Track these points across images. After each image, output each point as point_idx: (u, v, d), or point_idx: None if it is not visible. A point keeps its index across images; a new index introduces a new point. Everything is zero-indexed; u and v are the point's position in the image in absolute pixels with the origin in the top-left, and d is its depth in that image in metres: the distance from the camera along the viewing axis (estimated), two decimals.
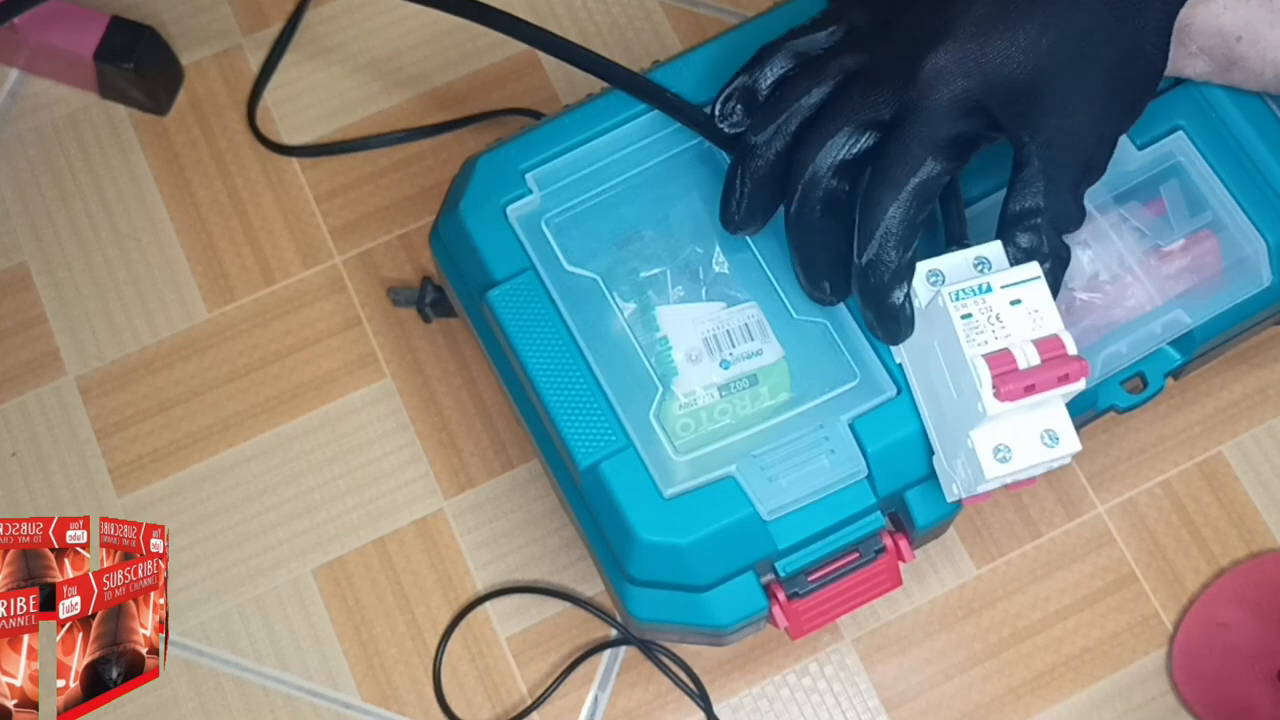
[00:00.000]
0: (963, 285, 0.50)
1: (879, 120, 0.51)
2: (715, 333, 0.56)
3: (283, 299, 0.71)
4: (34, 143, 0.73)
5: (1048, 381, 0.48)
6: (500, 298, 0.57)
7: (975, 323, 0.49)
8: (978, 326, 0.49)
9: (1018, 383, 0.48)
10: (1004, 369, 0.48)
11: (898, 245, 0.50)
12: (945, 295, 0.49)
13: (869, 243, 0.51)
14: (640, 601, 0.56)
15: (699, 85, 0.58)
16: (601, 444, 0.55)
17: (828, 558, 0.55)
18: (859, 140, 0.51)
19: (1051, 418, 0.50)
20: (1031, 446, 0.50)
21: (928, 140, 0.50)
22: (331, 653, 0.66)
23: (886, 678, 0.65)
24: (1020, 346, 0.48)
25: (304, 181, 0.73)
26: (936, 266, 0.51)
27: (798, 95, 0.53)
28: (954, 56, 0.50)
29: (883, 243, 0.50)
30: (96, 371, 0.70)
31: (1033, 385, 0.48)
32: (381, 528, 0.68)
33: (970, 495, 0.52)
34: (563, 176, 0.58)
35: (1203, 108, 0.59)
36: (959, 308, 0.49)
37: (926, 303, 0.51)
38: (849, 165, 0.52)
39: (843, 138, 0.51)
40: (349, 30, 0.76)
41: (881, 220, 0.50)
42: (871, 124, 0.51)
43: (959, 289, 0.50)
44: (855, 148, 0.51)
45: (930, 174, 0.50)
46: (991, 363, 0.48)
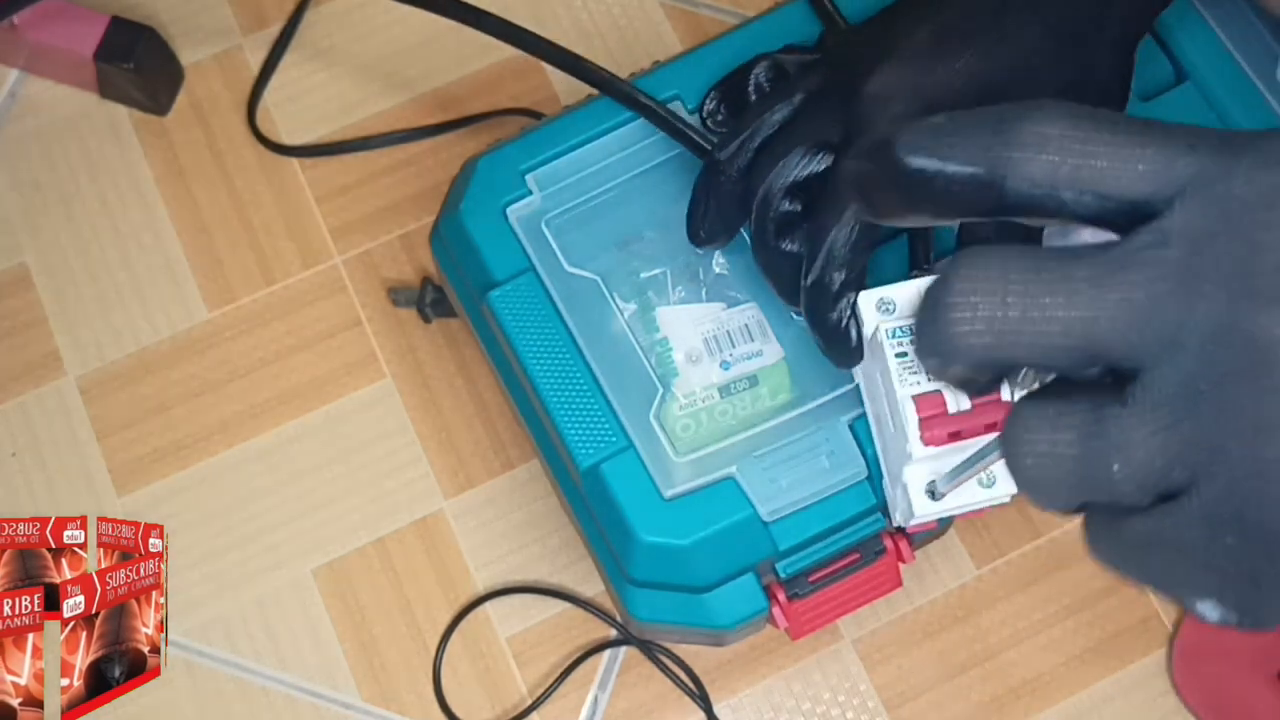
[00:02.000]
0: (900, 323, 0.48)
1: (829, 142, 0.51)
2: (715, 333, 0.56)
3: (283, 299, 0.71)
4: (34, 143, 0.73)
5: (974, 429, 0.47)
6: (501, 298, 0.57)
7: (909, 362, 0.48)
8: (912, 366, 0.48)
9: (943, 428, 0.47)
10: (932, 413, 0.47)
11: (840, 268, 0.50)
12: (883, 331, 0.48)
13: (813, 264, 0.50)
14: (641, 602, 0.56)
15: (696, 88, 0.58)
16: (602, 445, 0.55)
17: (828, 559, 0.55)
18: (811, 161, 0.51)
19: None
20: (967, 487, 0.48)
21: None
22: (331, 653, 0.66)
23: (886, 678, 0.65)
24: (952, 390, 0.47)
25: (304, 182, 0.73)
26: (889, 295, 0.50)
27: (761, 112, 0.53)
28: (894, 81, 0.50)
29: (825, 265, 0.50)
30: (96, 371, 0.70)
31: (959, 432, 0.47)
32: (381, 528, 0.68)
33: (909, 524, 0.51)
34: (563, 177, 0.58)
35: (1204, 107, 0.59)
36: (894, 345, 0.48)
37: (870, 333, 0.50)
38: (802, 186, 0.51)
39: (795, 157, 0.51)
40: (349, 30, 0.76)
41: (824, 242, 0.50)
42: (823, 145, 0.51)
43: (896, 325, 0.48)
44: (807, 169, 0.51)
45: None
46: (920, 404, 0.47)
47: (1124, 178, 0.25)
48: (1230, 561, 0.25)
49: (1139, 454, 0.25)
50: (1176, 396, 0.25)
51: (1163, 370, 0.25)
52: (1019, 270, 0.26)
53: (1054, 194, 0.26)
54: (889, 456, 0.52)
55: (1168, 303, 0.24)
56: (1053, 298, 0.25)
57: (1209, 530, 0.25)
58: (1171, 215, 0.25)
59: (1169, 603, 0.23)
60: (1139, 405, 0.25)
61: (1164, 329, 0.25)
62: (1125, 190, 0.25)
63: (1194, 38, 0.59)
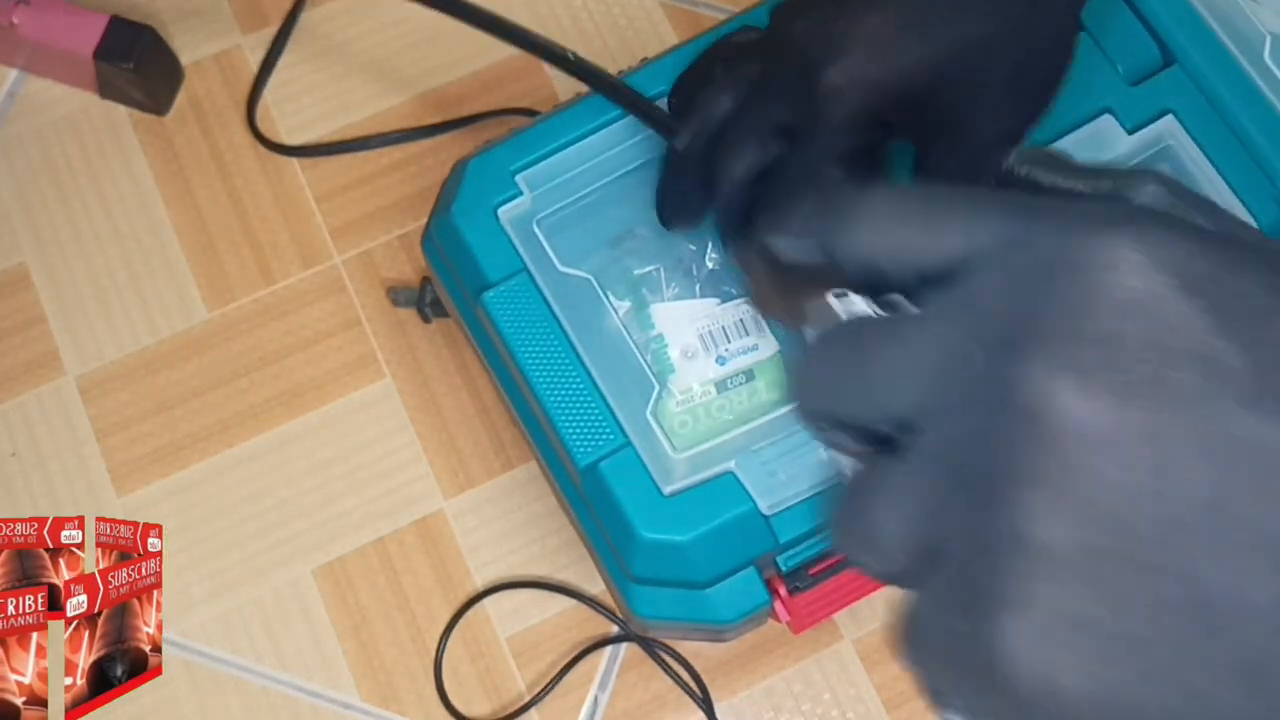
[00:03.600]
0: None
1: (783, 126, 0.51)
2: (710, 329, 0.56)
3: (283, 299, 0.71)
4: (34, 143, 0.73)
5: None
6: (494, 300, 0.57)
7: None
8: None
9: None
10: None
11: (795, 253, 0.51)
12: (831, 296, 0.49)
13: None
14: (642, 599, 0.56)
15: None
16: (600, 443, 0.55)
17: (829, 551, 0.55)
18: (766, 150, 0.51)
19: None
20: None
21: (828, 152, 0.50)
22: (331, 653, 0.66)
23: (886, 678, 0.65)
24: None
25: (304, 181, 0.73)
26: None
27: (709, 100, 0.53)
28: (849, 72, 0.50)
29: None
30: (96, 371, 0.70)
31: None
32: (381, 528, 0.68)
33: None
34: (554, 177, 0.58)
35: (1192, 90, 0.58)
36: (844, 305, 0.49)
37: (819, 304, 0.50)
38: (762, 175, 0.52)
39: (753, 148, 0.51)
40: (349, 30, 0.76)
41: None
42: (776, 133, 0.51)
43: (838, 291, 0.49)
44: (767, 157, 0.51)
45: (830, 182, 0.50)
46: None
47: (929, 249, 0.26)
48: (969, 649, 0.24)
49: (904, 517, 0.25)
50: (939, 460, 0.24)
51: (932, 431, 0.25)
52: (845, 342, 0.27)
53: (876, 267, 0.27)
54: None
55: (944, 367, 0.24)
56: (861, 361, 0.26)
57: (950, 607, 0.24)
58: (962, 283, 0.25)
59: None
60: (908, 465, 0.25)
61: (938, 391, 0.25)
62: (931, 262, 0.26)
63: (1181, 20, 0.59)
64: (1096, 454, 0.22)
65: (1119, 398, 0.22)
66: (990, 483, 0.23)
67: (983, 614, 0.23)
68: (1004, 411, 0.23)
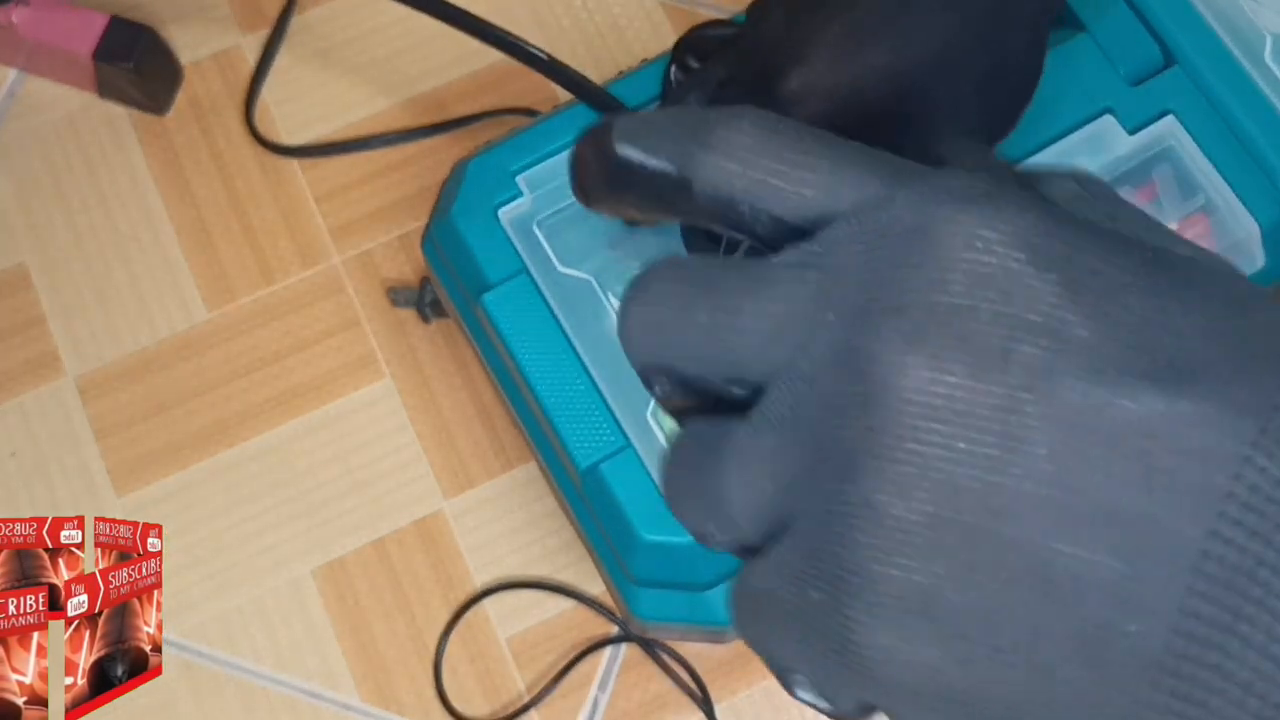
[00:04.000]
0: None
1: None
2: None
3: (282, 299, 0.71)
4: (33, 143, 0.73)
5: None
6: (495, 301, 0.57)
7: None
8: None
9: None
10: None
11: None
12: None
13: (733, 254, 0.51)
14: (643, 601, 0.56)
15: None
16: (600, 444, 0.55)
17: None
18: None
19: None
20: None
21: None
22: (330, 653, 0.66)
23: None
24: None
25: (303, 181, 0.73)
26: None
27: (677, 101, 0.53)
28: (808, 80, 0.49)
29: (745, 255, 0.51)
30: (96, 371, 0.70)
31: None
32: (381, 528, 0.68)
33: None
34: (555, 177, 0.58)
35: (1193, 90, 0.58)
36: None
37: None
38: None
39: None
40: (349, 30, 0.76)
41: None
42: None
43: None
44: None
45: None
46: None
47: (791, 200, 0.25)
48: (817, 623, 0.23)
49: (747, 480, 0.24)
50: (787, 422, 0.24)
51: (780, 392, 0.24)
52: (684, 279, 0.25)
53: (733, 205, 0.26)
54: None
55: (796, 324, 0.24)
56: (702, 305, 0.25)
57: (796, 580, 0.23)
58: (819, 238, 0.24)
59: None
60: (754, 427, 0.24)
61: (786, 350, 0.24)
62: (791, 212, 0.25)
63: (1181, 20, 0.59)
64: (947, 426, 0.22)
65: (970, 370, 0.22)
66: (841, 451, 0.23)
67: (831, 586, 0.23)
68: (857, 380, 0.23)
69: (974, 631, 0.22)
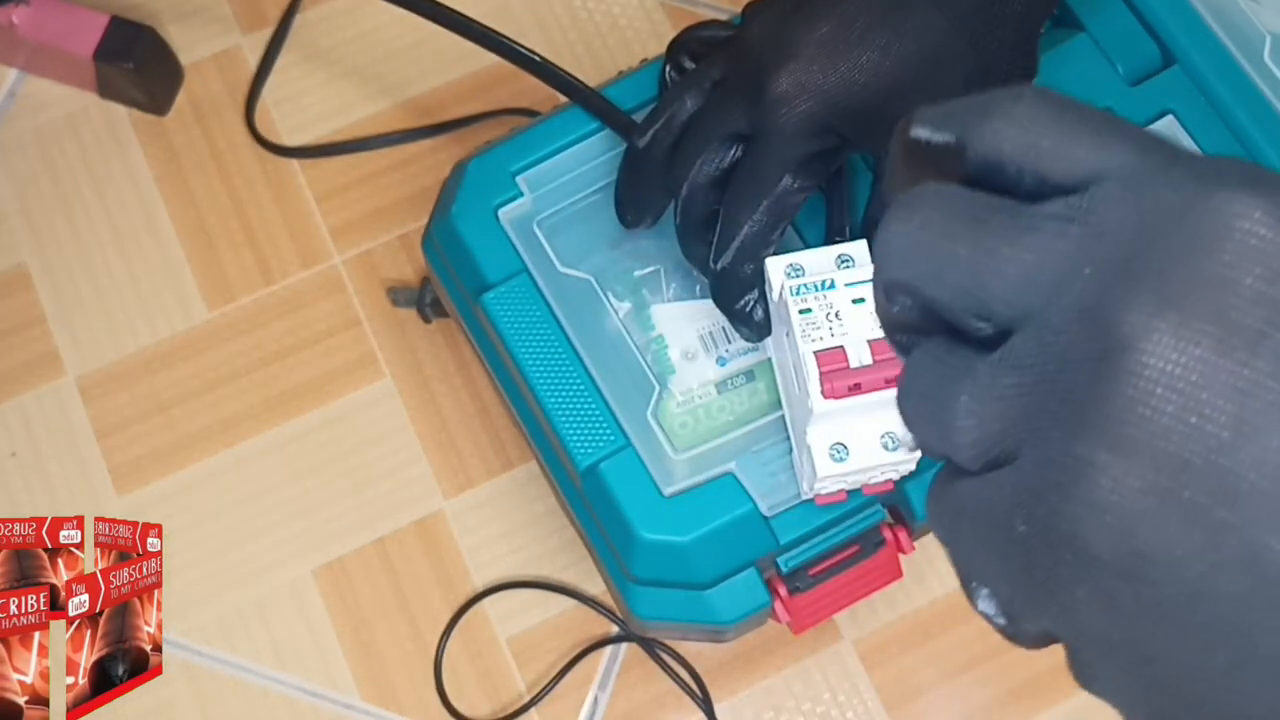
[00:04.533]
0: (806, 280, 0.49)
1: (739, 134, 0.51)
2: (711, 330, 0.56)
3: (282, 299, 0.71)
4: (34, 143, 0.73)
5: (874, 383, 0.48)
6: (495, 301, 0.57)
7: (814, 318, 0.49)
8: (815, 322, 0.49)
9: (843, 381, 0.47)
10: (833, 366, 0.48)
11: (750, 259, 0.51)
12: (787, 290, 0.49)
13: (724, 253, 0.52)
14: (643, 600, 0.56)
15: None
16: (600, 444, 0.55)
17: (829, 552, 0.55)
18: (726, 155, 0.52)
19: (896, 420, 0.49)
20: (870, 448, 0.49)
21: (780, 159, 0.50)
22: (331, 653, 0.66)
23: (886, 678, 0.65)
24: (855, 345, 0.48)
25: (303, 181, 0.73)
26: (798, 261, 0.50)
27: (671, 102, 0.54)
28: (798, 79, 0.50)
29: (736, 255, 0.51)
30: (96, 371, 0.70)
31: (858, 385, 0.48)
32: (381, 528, 0.68)
33: (816, 493, 0.52)
34: (554, 177, 0.58)
35: (1192, 90, 0.58)
36: (798, 302, 0.49)
37: (777, 295, 0.51)
38: (721, 178, 0.52)
39: (711, 152, 0.52)
40: (349, 30, 0.76)
41: (737, 235, 0.51)
42: (734, 138, 0.52)
43: (802, 284, 0.49)
44: (725, 161, 0.52)
45: (785, 189, 0.51)
46: (821, 359, 0.48)
47: (1061, 161, 0.25)
48: (1014, 551, 0.24)
49: (982, 413, 0.25)
50: (1029, 368, 0.24)
51: (1028, 338, 0.24)
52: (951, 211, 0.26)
53: (1001, 167, 0.26)
54: (795, 422, 0.52)
55: (1053, 274, 0.24)
56: (965, 238, 0.25)
57: (1007, 511, 0.24)
58: (1086, 195, 0.25)
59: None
60: (996, 367, 0.25)
61: (1038, 299, 0.24)
62: (1061, 172, 0.25)
63: (1181, 20, 0.59)
64: (1180, 398, 0.22)
65: (1216, 346, 0.22)
66: (1074, 404, 0.23)
67: (1040, 528, 0.23)
68: (1101, 336, 0.23)
69: (1171, 598, 0.22)
